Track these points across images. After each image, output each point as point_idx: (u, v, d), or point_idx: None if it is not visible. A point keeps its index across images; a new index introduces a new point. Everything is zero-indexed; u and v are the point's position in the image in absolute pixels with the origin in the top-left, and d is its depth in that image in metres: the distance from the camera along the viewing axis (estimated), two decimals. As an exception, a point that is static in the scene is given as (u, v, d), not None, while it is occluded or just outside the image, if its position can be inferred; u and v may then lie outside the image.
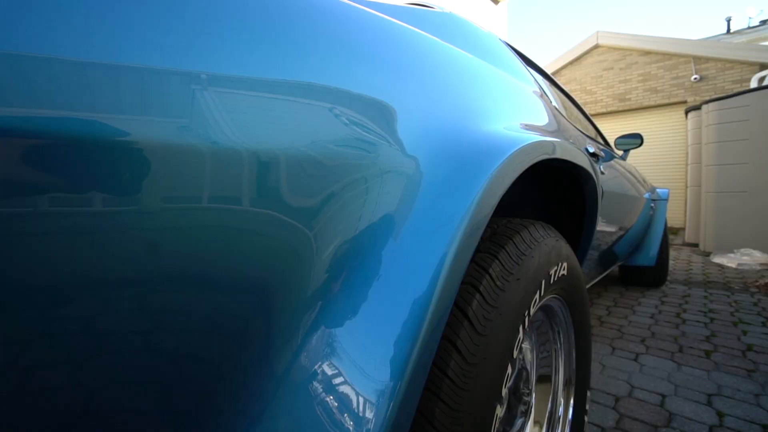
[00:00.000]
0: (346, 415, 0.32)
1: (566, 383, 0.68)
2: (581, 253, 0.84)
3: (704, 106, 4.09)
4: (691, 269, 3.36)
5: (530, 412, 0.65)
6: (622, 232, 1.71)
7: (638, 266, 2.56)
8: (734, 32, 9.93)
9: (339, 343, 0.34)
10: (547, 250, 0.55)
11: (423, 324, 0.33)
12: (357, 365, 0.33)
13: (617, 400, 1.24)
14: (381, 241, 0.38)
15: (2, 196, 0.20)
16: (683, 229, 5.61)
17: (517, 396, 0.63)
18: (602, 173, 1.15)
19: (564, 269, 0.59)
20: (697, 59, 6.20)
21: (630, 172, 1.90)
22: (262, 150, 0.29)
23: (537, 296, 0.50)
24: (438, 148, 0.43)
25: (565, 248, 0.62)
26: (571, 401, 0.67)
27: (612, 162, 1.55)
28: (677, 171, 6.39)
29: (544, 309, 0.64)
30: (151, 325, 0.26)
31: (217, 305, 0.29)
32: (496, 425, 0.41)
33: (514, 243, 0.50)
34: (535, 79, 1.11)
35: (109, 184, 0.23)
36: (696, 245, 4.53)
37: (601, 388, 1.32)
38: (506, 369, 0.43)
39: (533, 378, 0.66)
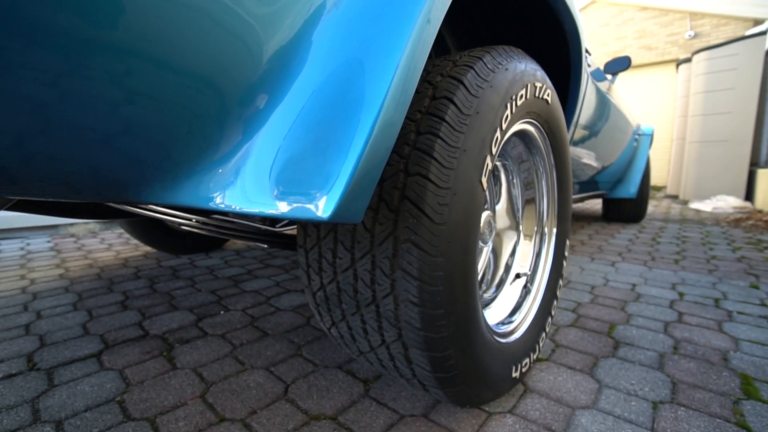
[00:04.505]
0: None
1: (549, 210, 0.78)
2: (568, 118, 0.92)
3: (695, 56, 4.12)
4: (669, 213, 3.54)
5: (521, 225, 0.77)
6: (611, 144, 1.76)
7: (619, 199, 2.69)
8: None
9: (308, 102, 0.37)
10: (533, 68, 0.62)
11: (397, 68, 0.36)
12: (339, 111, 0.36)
13: (593, 287, 1.38)
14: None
15: None
16: (666, 187, 5.80)
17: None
18: (588, 66, 1.21)
19: (547, 95, 0.67)
20: (693, 15, 6.15)
21: (616, 100, 1.97)
22: None
23: (524, 92, 0.57)
24: None
25: (550, 83, 0.69)
26: (554, 230, 0.78)
27: (604, 81, 1.62)
28: (666, 130, 6.50)
29: (523, 138, 0.72)
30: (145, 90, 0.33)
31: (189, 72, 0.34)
32: (487, 170, 0.50)
33: (505, 49, 0.57)
34: None
35: None
36: (676, 196, 4.73)
37: (579, 281, 1.46)
38: (496, 132, 0.51)
39: (521, 202, 0.77)
